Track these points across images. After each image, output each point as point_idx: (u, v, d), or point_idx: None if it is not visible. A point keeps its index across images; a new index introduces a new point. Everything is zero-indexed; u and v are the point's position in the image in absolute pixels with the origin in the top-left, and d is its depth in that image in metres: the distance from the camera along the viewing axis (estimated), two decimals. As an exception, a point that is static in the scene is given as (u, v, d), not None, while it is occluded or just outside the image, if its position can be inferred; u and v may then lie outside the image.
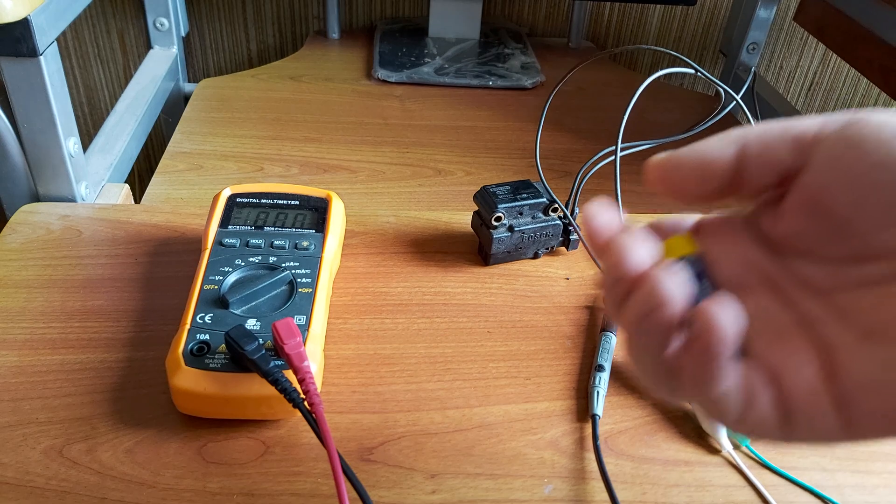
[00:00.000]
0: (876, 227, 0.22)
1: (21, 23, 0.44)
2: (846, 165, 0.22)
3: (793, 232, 0.24)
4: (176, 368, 0.35)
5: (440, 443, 0.37)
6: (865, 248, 0.23)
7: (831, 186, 0.23)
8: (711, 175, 0.25)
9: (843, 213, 0.23)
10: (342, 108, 0.79)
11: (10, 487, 0.33)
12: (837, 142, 0.23)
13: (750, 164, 0.24)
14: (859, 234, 0.23)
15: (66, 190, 0.53)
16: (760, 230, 0.26)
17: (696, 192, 0.25)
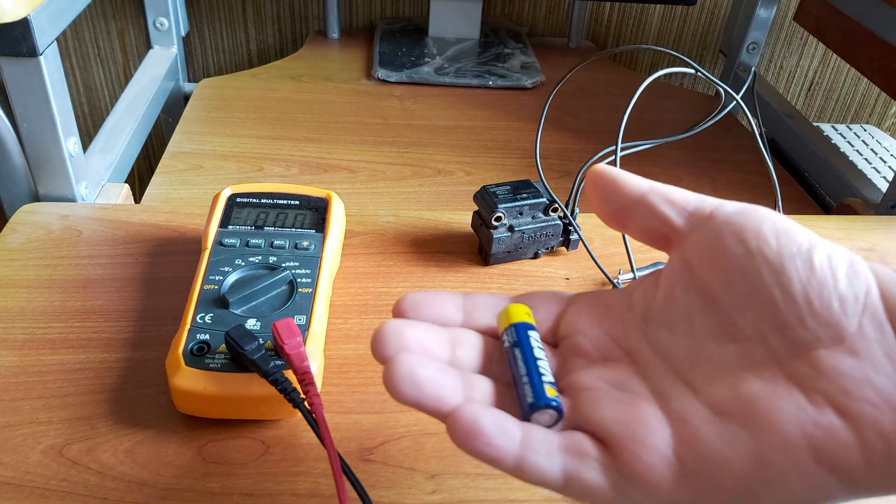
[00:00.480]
0: (738, 309, 0.24)
1: (21, 22, 0.44)
2: (724, 247, 0.25)
3: (667, 303, 0.26)
4: (176, 368, 0.35)
5: (440, 443, 0.37)
6: (726, 329, 0.24)
7: (709, 264, 0.25)
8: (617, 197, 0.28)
9: (714, 290, 0.25)
10: (342, 107, 0.79)
11: (10, 487, 0.33)
12: (724, 223, 0.25)
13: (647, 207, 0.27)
14: (724, 313, 0.24)
15: (66, 190, 0.53)
16: (632, 301, 0.28)
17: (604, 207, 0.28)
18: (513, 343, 0.28)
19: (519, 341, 0.28)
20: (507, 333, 0.28)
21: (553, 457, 0.24)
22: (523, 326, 0.28)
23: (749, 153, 0.77)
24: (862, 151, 0.91)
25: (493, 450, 0.23)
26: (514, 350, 0.27)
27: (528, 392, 0.26)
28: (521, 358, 0.27)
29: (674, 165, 0.73)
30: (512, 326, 0.28)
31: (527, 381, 0.26)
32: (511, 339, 0.28)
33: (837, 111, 1.17)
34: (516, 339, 0.28)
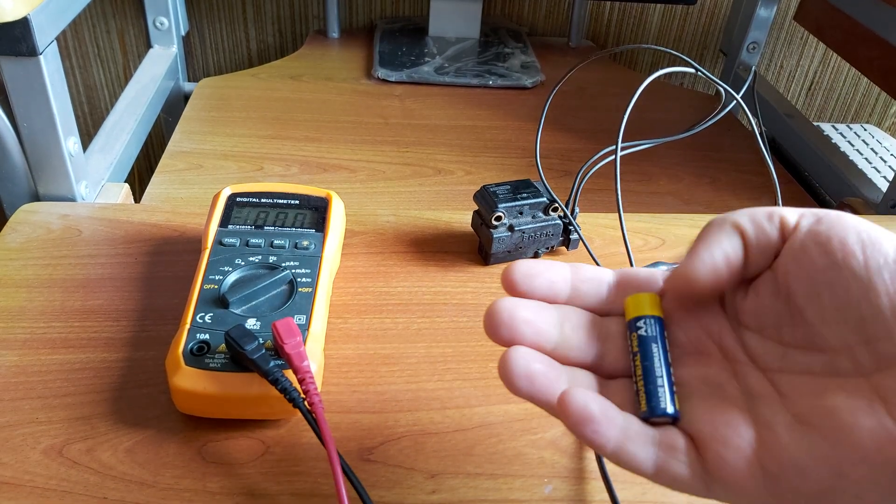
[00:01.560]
0: (823, 321, 0.24)
1: (21, 22, 0.44)
2: (810, 259, 0.25)
3: (756, 308, 0.27)
4: (176, 368, 0.35)
5: (440, 443, 0.37)
6: (812, 339, 0.25)
7: (795, 275, 0.25)
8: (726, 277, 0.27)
9: (800, 302, 0.25)
10: (342, 107, 0.79)
11: (10, 487, 0.33)
12: (809, 234, 0.25)
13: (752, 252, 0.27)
14: (810, 324, 0.25)
15: (66, 189, 0.53)
16: (725, 300, 0.28)
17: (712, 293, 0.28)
18: (650, 337, 0.27)
19: (657, 337, 0.27)
20: (643, 323, 0.28)
21: (647, 448, 0.25)
22: (661, 322, 0.28)
23: (749, 153, 0.77)
24: (862, 151, 0.91)
25: (599, 436, 0.24)
26: (650, 345, 0.27)
27: (663, 396, 0.26)
28: (659, 357, 0.27)
29: (674, 165, 0.73)
30: (651, 319, 0.28)
31: (662, 384, 0.26)
32: (648, 332, 0.28)
33: (837, 111, 1.17)
34: (655, 334, 0.27)
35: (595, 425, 0.24)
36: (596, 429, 0.24)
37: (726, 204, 0.68)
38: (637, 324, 0.28)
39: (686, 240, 0.54)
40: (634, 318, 0.28)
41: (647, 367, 0.27)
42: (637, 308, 0.28)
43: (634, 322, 0.28)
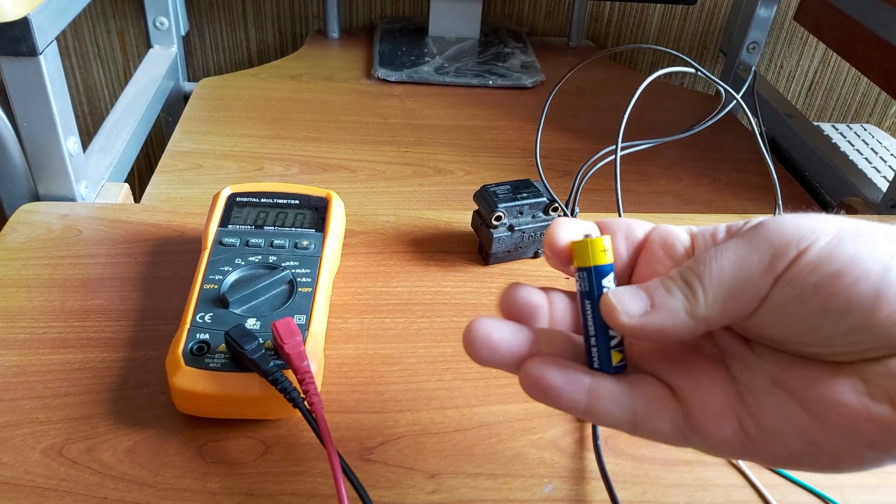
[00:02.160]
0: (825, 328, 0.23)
1: (20, 22, 0.44)
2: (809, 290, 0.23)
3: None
4: (176, 368, 0.35)
5: (440, 442, 0.37)
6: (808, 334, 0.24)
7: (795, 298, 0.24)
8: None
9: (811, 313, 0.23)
10: (342, 107, 0.79)
11: (9, 487, 0.33)
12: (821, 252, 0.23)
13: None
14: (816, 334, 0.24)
15: (66, 189, 0.53)
16: None
17: None
18: (584, 291, 0.26)
19: (591, 292, 0.26)
20: (580, 276, 0.26)
21: (622, 404, 0.25)
22: (599, 272, 0.26)
23: (749, 153, 0.77)
24: (862, 151, 0.91)
25: (564, 401, 0.25)
26: (584, 301, 0.26)
27: (595, 355, 0.26)
28: (591, 314, 0.26)
29: (674, 165, 0.73)
30: (586, 270, 0.26)
31: (595, 343, 0.26)
32: (584, 286, 0.26)
33: (837, 111, 1.17)
34: (588, 287, 0.26)
35: (556, 392, 0.25)
36: (559, 394, 0.25)
37: (726, 204, 0.68)
38: (578, 275, 0.26)
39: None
40: (578, 268, 0.26)
41: (583, 325, 0.26)
42: (578, 256, 0.26)
43: (577, 272, 0.27)
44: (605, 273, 0.26)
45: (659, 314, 0.24)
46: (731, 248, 0.24)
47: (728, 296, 0.24)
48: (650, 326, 0.24)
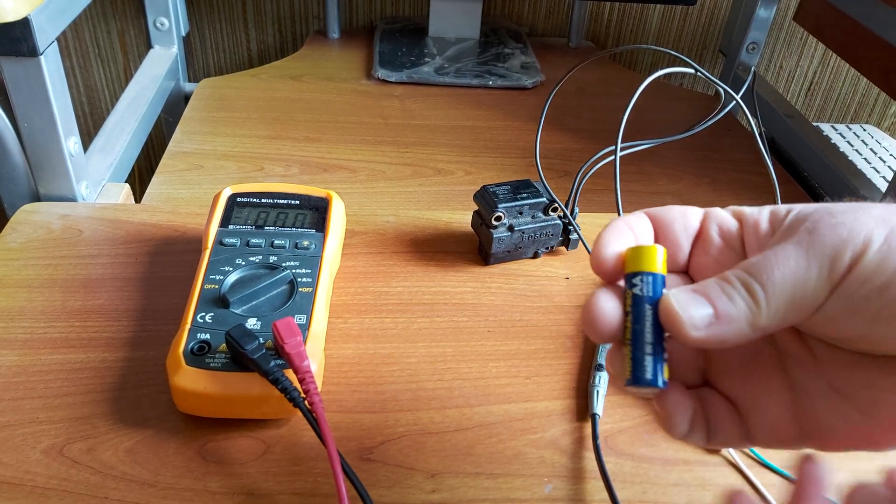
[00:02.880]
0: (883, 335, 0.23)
1: (21, 22, 0.44)
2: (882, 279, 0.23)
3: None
4: (176, 368, 0.35)
5: (440, 442, 0.37)
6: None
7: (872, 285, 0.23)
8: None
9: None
10: (342, 107, 0.79)
11: (10, 487, 0.33)
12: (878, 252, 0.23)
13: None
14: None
15: (67, 189, 0.53)
16: None
17: None
18: (644, 297, 0.25)
19: (653, 298, 0.25)
20: (639, 281, 0.25)
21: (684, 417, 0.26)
22: (661, 281, 0.25)
23: (749, 153, 0.77)
24: (861, 151, 0.91)
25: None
26: (643, 306, 0.25)
27: (648, 365, 0.25)
28: (650, 321, 0.25)
29: (674, 165, 0.73)
30: (649, 276, 0.25)
31: (650, 351, 0.25)
32: (644, 292, 0.25)
33: (837, 111, 1.17)
34: (650, 293, 0.25)
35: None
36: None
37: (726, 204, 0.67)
38: (633, 280, 0.25)
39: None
40: (631, 273, 0.26)
41: (636, 330, 0.25)
42: (635, 262, 0.26)
43: (630, 278, 0.26)
44: (664, 284, 0.25)
45: (722, 325, 0.23)
46: (792, 256, 0.23)
47: (789, 305, 0.23)
48: (713, 338, 0.23)
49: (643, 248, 0.26)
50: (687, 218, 0.27)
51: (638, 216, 0.27)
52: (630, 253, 0.26)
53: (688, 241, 0.27)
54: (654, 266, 0.25)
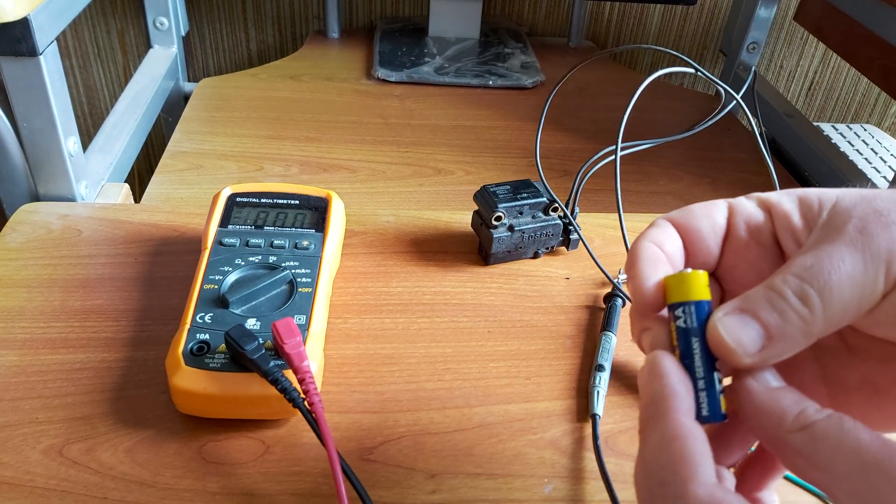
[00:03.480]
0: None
1: (21, 22, 0.44)
2: None
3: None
4: (176, 368, 0.35)
5: (440, 443, 0.37)
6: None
7: None
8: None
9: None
10: (342, 107, 0.79)
11: (9, 487, 0.33)
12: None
13: None
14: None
15: (66, 189, 0.53)
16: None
17: None
18: (689, 329, 0.24)
19: (698, 330, 0.24)
20: (682, 312, 0.24)
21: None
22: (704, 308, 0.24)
23: (749, 153, 0.77)
24: (862, 151, 0.91)
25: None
26: (690, 339, 0.24)
27: (703, 401, 0.24)
28: (700, 354, 0.24)
29: (674, 165, 0.73)
30: (691, 306, 0.24)
31: (703, 386, 0.24)
32: (688, 324, 0.24)
33: (837, 111, 1.17)
34: (695, 325, 0.24)
35: None
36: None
37: (726, 204, 0.68)
38: (676, 312, 0.25)
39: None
40: (673, 304, 0.25)
41: (686, 366, 0.24)
42: (677, 291, 0.25)
43: (673, 309, 0.25)
44: (709, 309, 0.24)
45: (777, 346, 0.22)
46: (848, 260, 0.22)
47: (844, 311, 0.22)
48: (768, 360, 0.23)
49: (683, 276, 0.25)
50: (713, 218, 0.26)
51: (663, 229, 0.26)
52: (670, 282, 0.25)
53: (717, 244, 0.26)
54: (696, 293, 0.24)
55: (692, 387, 0.24)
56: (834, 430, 0.22)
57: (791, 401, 0.23)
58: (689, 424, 0.23)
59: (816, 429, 0.22)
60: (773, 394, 0.23)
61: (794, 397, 0.23)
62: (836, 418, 0.22)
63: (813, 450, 0.22)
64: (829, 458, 0.21)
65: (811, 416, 0.22)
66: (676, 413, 0.23)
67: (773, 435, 0.23)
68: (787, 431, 0.22)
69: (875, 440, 0.21)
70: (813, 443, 0.22)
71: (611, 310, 0.45)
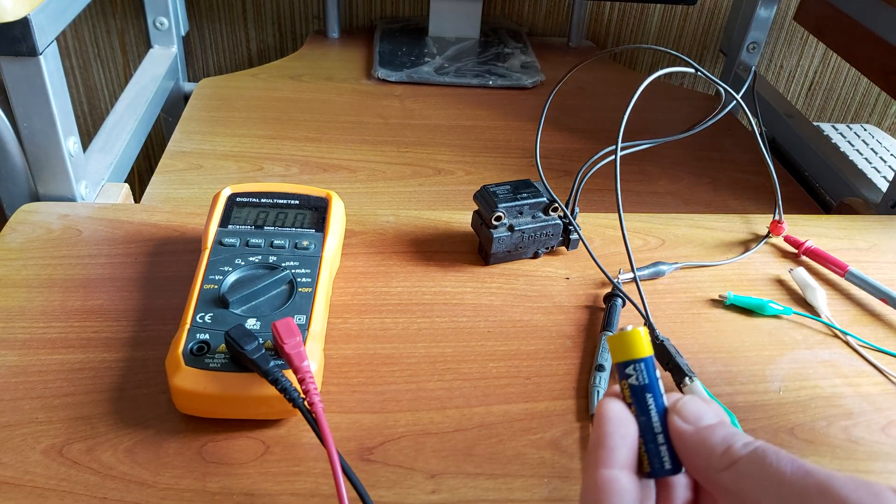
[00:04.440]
0: None
1: (21, 22, 0.44)
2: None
3: None
4: (176, 368, 0.35)
5: (440, 443, 0.37)
6: None
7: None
8: None
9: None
10: (342, 107, 0.79)
11: (10, 487, 0.33)
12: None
13: None
14: None
15: (66, 189, 0.53)
16: None
17: None
18: (642, 386, 0.25)
19: (651, 385, 0.25)
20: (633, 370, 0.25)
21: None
22: (651, 363, 0.25)
23: (749, 153, 0.77)
24: (862, 151, 0.91)
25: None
26: (644, 395, 0.25)
27: (665, 455, 0.25)
28: (655, 409, 0.25)
29: (674, 165, 0.73)
30: (641, 364, 0.25)
31: (662, 441, 0.25)
32: (640, 381, 0.25)
33: (837, 111, 1.17)
34: (647, 381, 0.25)
35: None
36: None
37: (726, 204, 0.68)
38: (626, 370, 0.26)
39: (686, 240, 0.54)
40: (622, 362, 0.26)
41: (643, 422, 0.25)
42: (622, 350, 0.26)
43: (623, 368, 0.26)
44: (654, 363, 0.25)
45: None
46: None
47: None
48: None
49: (627, 335, 0.25)
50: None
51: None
52: (615, 342, 0.26)
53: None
54: (643, 350, 0.25)
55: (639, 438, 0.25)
56: (756, 466, 0.22)
57: (719, 437, 0.24)
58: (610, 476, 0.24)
59: (740, 465, 0.22)
60: (700, 434, 0.24)
61: (723, 433, 0.24)
62: (759, 452, 0.22)
63: (739, 487, 0.22)
64: (754, 496, 0.22)
65: (737, 452, 0.23)
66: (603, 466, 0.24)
67: (706, 476, 0.24)
68: (717, 471, 0.23)
69: (797, 470, 0.21)
70: (739, 480, 0.22)
71: (611, 310, 0.45)
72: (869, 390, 0.42)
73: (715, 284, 0.49)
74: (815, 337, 0.46)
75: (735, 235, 0.55)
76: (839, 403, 0.41)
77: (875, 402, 0.41)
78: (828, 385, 0.42)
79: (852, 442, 0.39)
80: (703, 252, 0.53)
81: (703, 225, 0.56)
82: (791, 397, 0.41)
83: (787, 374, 0.43)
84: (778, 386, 0.42)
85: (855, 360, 0.44)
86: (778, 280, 0.50)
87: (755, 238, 0.55)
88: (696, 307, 0.47)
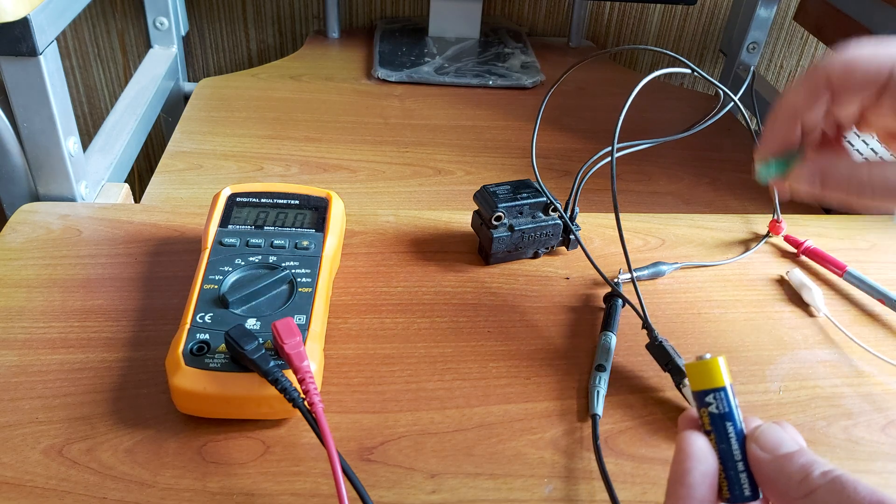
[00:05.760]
0: None
1: (21, 22, 0.44)
2: None
3: None
4: (176, 368, 0.35)
5: (440, 443, 0.37)
6: None
7: None
8: None
9: None
10: (342, 107, 0.79)
11: (9, 487, 0.33)
12: None
13: None
14: None
15: (66, 189, 0.53)
16: None
17: None
18: (722, 415, 0.26)
19: (730, 413, 0.26)
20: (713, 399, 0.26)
21: None
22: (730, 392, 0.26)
23: (749, 153, 0.77)
24: (862, 151, 0.91)
25: None
26: (724, 424, 0.26)
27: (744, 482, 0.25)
28: (735, 437, 0.26)
29: (673, 165, 0.73)
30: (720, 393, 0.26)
31: (742, 468, 0.25)
32: (720, 409, 0.26)
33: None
34: (727, 409, 0.26)
35: None
36: None
37: (726, 204, 0.68)
38: (706, 399, 0.26)
39: (686, 240, 0.54)
40: (701, 391, 0.26)
41: (723, 450, 0.26)
42: (701, 379, 0.26)
43: (702, 396, 0.26)
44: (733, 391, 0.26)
45: None
46: None
47: None
48: None
49: (706, 364, 0.26)
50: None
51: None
52: (694, 370, 0.26)
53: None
54: (722, 379, 0.26)
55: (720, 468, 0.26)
56: (834, 496, 0.23)
57: (797, 466, 0.25)
58: None
59: (818, 495, 0.23)
60: (779, 462, 0.25)
61: (801, 461, 0.25)
62: (838, 482, 0.23)
63: None
64: None
65: (814, 481, 0.24)
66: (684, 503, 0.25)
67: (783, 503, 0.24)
68: (794, 499, 0.24)
69: (870, 496, 0.22)
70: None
71: (611, 310, 0.45)
72: (869, 390, 0.42)
73: (715, 284, 0.49)
74: (815, 337, 0.46)
75: (735, 235, 0.55)
76: (839, 403, 0.41)
77: (875, 402, 0.41)
78: (828, 385, 0.42)
79: (852, 442, 0.39)
80: (703, 252, 0.53)
81: (702, 225, 0.56)
82: (791, 397, 0.41)
83: (787, 374, 0.43)
84: (778, 386, 0.42)
85: (855, 360, 0.44)
86: (778, 280, 0.50)
87: (755, 238, 0.55)
88: (695, 307, 0.47)
